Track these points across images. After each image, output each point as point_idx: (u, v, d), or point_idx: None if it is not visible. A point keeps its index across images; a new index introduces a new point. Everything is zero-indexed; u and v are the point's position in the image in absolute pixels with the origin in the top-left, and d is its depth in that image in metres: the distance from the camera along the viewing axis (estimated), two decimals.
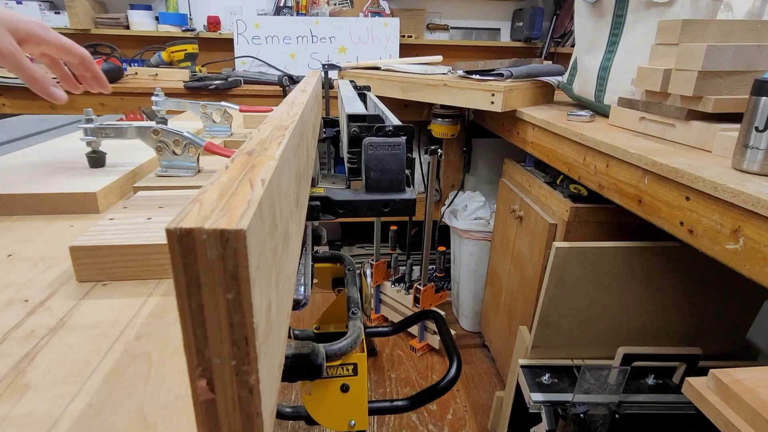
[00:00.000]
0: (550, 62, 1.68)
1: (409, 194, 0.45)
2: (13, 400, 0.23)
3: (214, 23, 2.01)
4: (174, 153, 0.62)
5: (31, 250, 0.40)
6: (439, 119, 1.53)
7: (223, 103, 0.90)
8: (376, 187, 0.45)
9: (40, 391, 0.24)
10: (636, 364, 0.93)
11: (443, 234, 1.77)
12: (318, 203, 0.46)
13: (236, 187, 0.19)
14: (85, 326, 0.29)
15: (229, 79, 1.60)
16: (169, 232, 0.14)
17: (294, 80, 1.61)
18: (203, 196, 0.18)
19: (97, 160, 0.62)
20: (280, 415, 0.81)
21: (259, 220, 0.17)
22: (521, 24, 2.20)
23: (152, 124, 0.64)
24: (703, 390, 0.54)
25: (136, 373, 0.25)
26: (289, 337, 0.82)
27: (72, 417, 0.22)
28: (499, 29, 2.34)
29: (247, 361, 0.16)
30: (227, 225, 0.15)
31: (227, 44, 1.95)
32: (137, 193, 0.52)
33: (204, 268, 0.15)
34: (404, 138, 0.45)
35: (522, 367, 1.04)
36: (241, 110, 0.99)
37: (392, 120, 0.52)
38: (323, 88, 1.51)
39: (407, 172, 0.46)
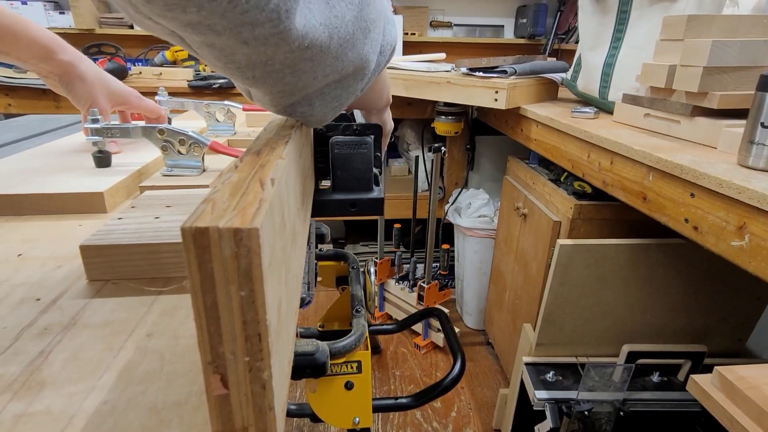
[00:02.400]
0: (554, 59, 1.67)
1: (376, 193, 0.45)
2: (30, 397, 0.23)
3: None
4: (179, 152, 0.62)
5: (40, 250, 0.41)
6: (443, 117, 1.53)
7: (226, 102, 0.90)
8: (343, 187, 0.44)
9: (55, 388, 0.24)
10: (640, 361, 0.93)
11: (447, 232, 1.77)
12: None
13: (247, 186, 0.19)
14: (97, 324, 0.30)
15: None
16: (185, 231, 0.15)
17: None
18: (215, 196, 0.18)
19: (103, 159, 0.63)
20: (285, 413, 0.82)
21: (270, 219, 0.18)
22: (525, 21, 2.19)
23: (157, 123, 0.65)
24: (707, 387, 0.54)
25: (148, 370, 0.25)
26: None
27: (87, 414, 0.22)
28: (502, 26, 2.34)
29: (261, 357, 0.17)
30: (241, 224, 0.15)
31: None
32: (144, 193, 0.52)
33: (218, 266, 0.15)
34: (372, 137, 0.45)
35: (526, 364, 1.04)
36: (244, 109, 0.99)
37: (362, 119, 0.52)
38: None
39: (375, 171, 0.46)
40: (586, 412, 0.91)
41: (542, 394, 0.96)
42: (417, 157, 1.66)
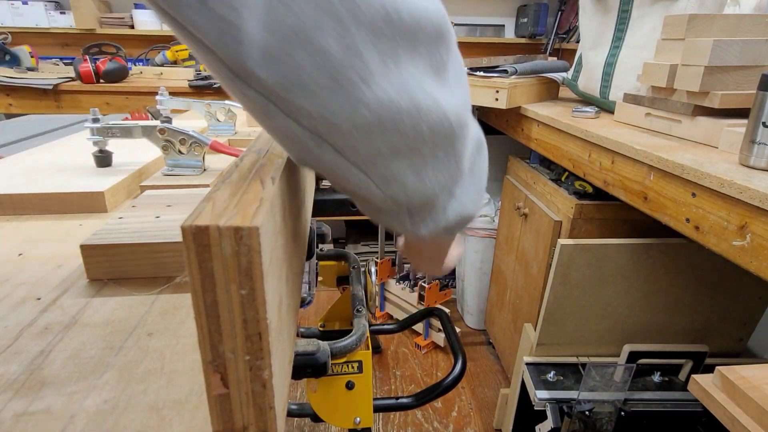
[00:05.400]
0: (555, 58, 1.67)
1: None
2: (30, 395, 0.23)
3: None
4: (180, 152, 0.62)
5: (41, 249, 0.41)
6: None
7: (227, 101, 0.90)
8: None
9: (55, 387, 0.24)
10: (642, 361, 0.93)
11: None
12: None
13: (247, 185, 0.19)
14: (98, 323, 0.30)
15: None
16: (185, 230, 0.15)
17: None
18: (216, 195, 0.18)
19: (103, 159, 0.63)
20: (286, 412, 0.82)
21: (270, 218, 0.18)
22: (526, 20, 2.19)
23: (158, 123, 0.65)
24: (709, 387, 0.54)
25: (149, 369, 0.25)
26: None
27: (88, 412, 0.22)
28: (503, 25, 2.34)
29: (261, 356, 0.17)
30: (241, 222, 0.15)
31: None
32: (144, 192, 0.52)
33: (218, 265, 0.15)
34: None
35: (527, 364, 1.04)
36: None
37: None
38: None
39: None
40: (587, 412, 0.91)
41: (543, 393, 0.96)
42: None
